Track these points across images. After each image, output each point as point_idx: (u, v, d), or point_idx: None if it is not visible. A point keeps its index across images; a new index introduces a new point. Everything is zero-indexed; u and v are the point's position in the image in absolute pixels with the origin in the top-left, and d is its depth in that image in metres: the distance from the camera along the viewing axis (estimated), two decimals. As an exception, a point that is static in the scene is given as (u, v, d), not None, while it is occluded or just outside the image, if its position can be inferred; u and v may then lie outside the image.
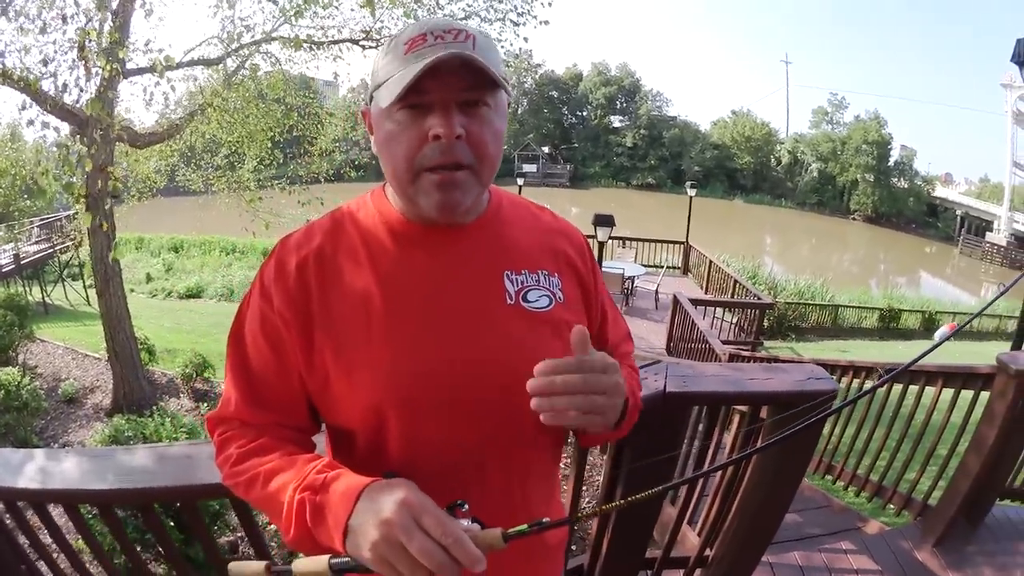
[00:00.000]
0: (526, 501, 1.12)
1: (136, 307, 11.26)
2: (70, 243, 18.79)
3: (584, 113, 63.71)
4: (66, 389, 10.10)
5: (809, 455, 2.18)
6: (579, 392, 0.90)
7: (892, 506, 4.03)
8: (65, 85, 7.33)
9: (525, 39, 11.01)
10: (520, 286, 1.09)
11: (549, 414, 0.90)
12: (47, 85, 7.44)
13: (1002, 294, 1.84)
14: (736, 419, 2.59)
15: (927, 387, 3.94)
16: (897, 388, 4.29)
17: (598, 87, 61.44)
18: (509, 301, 1.07)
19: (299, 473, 0.95)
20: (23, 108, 7.19)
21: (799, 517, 3.96)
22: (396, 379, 1.01)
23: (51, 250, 20.39)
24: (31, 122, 7.15)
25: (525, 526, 0.83)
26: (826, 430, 4.80)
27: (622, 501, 0.85)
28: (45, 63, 7.27)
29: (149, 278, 23.84)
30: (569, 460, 2.61)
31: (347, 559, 0.85)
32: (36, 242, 20.80)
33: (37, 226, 21.25)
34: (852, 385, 4.89)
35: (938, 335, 16.25)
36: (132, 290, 20.43)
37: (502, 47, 11.02)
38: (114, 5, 7.72)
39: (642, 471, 1.85)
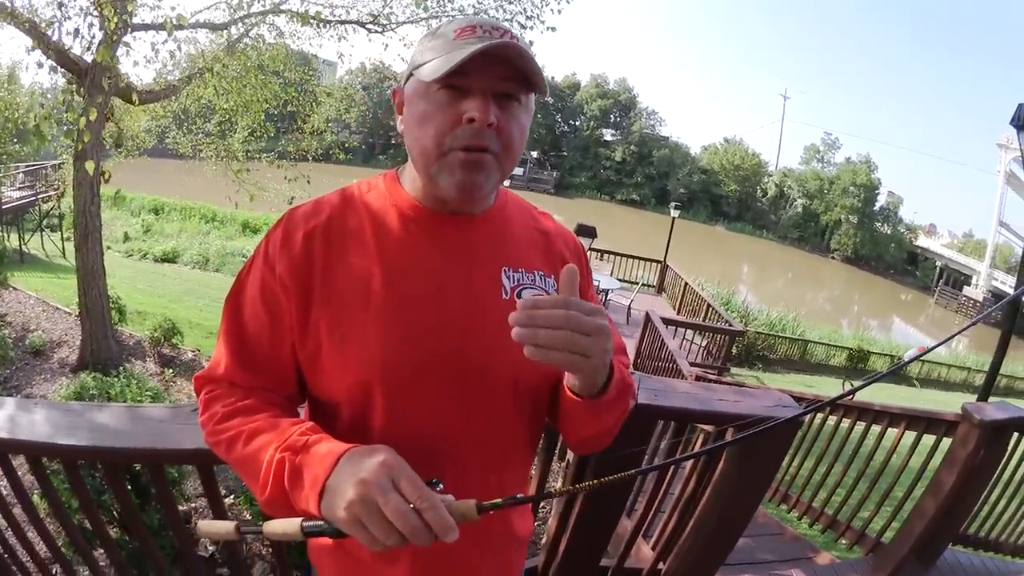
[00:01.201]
0: (501, 487, 1.15)
1: (111, 265, 11.11)
2: (53, 192, 18.48)
3: (577, 123, 63.80)
4: (33, 341, 9.93)
5: (768, 480, 2.22)
6: (561, 327, 0.87)
7: (844, 540, 4.08)
8: (77, 30, 7.22)
9: (530, 42, 11.01)
10: (516, 283, 1.13)
11: (532, 348, 0.88)
12: (52, 30, 7.33)
13: (969, 326, 1.90)
14: (700, 438, 2.63)
15: (890, 428, 4.01)
16: (860, 426, 4.34)
17: (594, 99, 61.57)
18: (504, 296, 1.11)
19: (282, 434, 0.97)
20: (32, 50, 7.06)
21: (752, 542, 3.99)
22: (386, 358, 1.03)
23: (33, 198, 20.03)
24: (40, 64, 7.10)
25: (499, 500, 0.84)
26: (785, 461, 4.80)
27: (595, 481, 0.88)
28: (60, 5, 7.16)
29: (127, 237, 23.57)
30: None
31: (320, 523, 0.86)
32: (19, 188, 20.48)
33: (22, 172, 20.94)
34: (816, 419, 4.93)
35: (907, 355, 16.46)
36: (109, 247, 20.15)
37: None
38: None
39: (607, 469, 1.88)
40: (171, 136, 12.84)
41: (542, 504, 4.48)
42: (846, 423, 4.49)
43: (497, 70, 0.99)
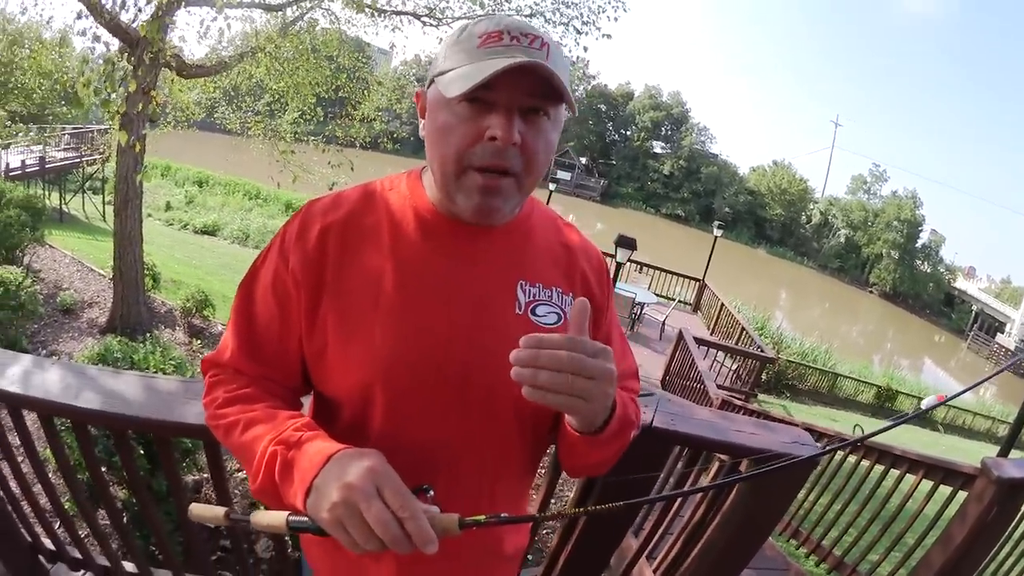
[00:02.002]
0: (493, 502, 1.13)
1: (150, 233, 11.27)
2: (98, 156, 18.88)
3: (628, 132, 63.44)
4: (64, 299, 10.09)
5: (778, 516, 2.16)
6: (563, 370, 0.84)
7: (849, 584, 4.00)
8: (124, 1, 7.34)
9: (585, 48, 11.01)
10: (532, 298, 1.09)
11: (531, 389, 0.85)
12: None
13: (988, 378, 1.83)
14: (716, 466, 2.58)
15: (908, 474, 3.95)
16: (879, 468, 4.28)
17: (647, 109, 61.25)
18: (518, 311, 1.08)
19: (277, 427, 0.97)
20: (78, 17, 7.17)
21: (756, 575, 3.93)
22: (390, 361, 1.02)
23: (77, 160, 20.54)
24: (83, 32, 7.18)
25: (482, 517, 0.83)
26: (800, 494, 4.75)
27: (578, 509, 0.85)
28: None
29: (169, 206, 23.98)
30: (544, 469, 2.60)
31: (305, 519, 0.87)
32: (64, 149, 20.95)
33: (68, 133, 21.41)
34: (835, 458, 4.86)
35: (925, 403, 16.13)
36: (149, 215, 20.56)
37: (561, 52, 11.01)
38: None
39: (613, 494, 1.85)
40: (220, 111, 13.00)
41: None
42: (865, 463, 4.43)
43: (524, 83, 0.94)
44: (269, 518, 0.91)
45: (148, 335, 8.51)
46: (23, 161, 18.08)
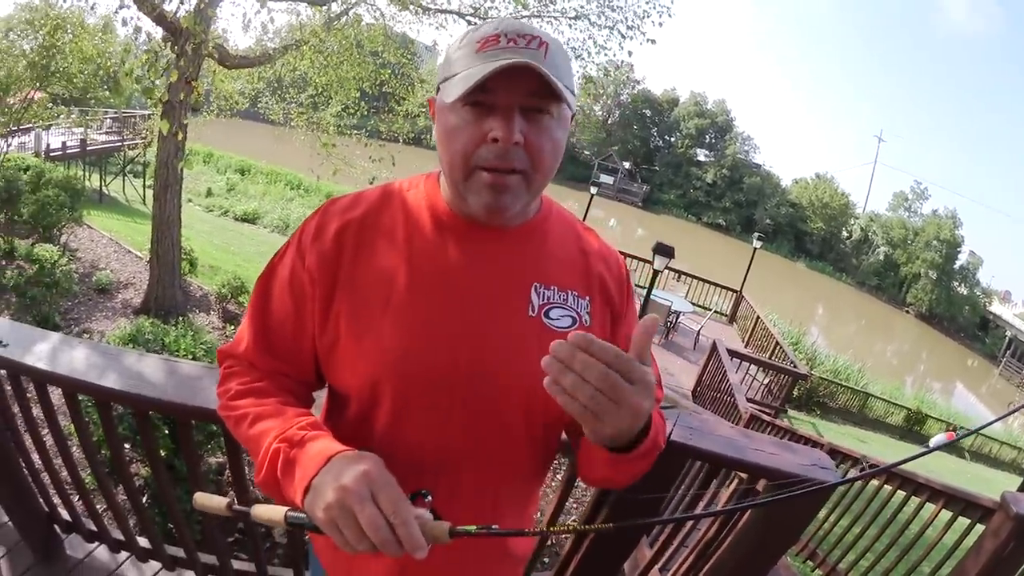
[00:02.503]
0: (497, 506, 1.13)
1: (190, 218, 11.42)
2: (140, 141, 19.24)
3: (672, 139, 62.92)
4: (100, 278, 10.28)
5: (791, 539, 2.12)
6: (591, 382, 0.80)
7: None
8: None
9: (629, 52, 11.00)
10: (545, 301, 1.08)
11: (551, 384, 0.82)
12: None
13: (1007, 415, 1.78)
14: (734, 484, 2.54)
15: (928, 503, 3.92)
16: (901, 493, 4.24)
17: (691, 116, 60.71)
18: (531, 313, 1.07)
19: (283, 424, 0.99)
20: (120, 7, 7.31)
21: None
22: (398, 359, 1.02)
23: (119, 143, 21.02)
24: (125, 22, 7.30)
25: (473, 527, 0.84)
26: (821, 514, 4.72)
27: (569, 526, 0.84)
28: None
29: (210, 193, 24.34)
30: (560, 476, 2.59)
31: (303, 516, 0.89)
32: (106, 132, 21.41)
33: (111, 117, 21.85)
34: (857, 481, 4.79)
35: (934, 441, 15.74)
36: (190, 200, 20.90)
37: (605, 55, 11.00)
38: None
39: (625, 508, 1.84)
40: (264, 101, 13.16)
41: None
42: (888, 488, 4.39)
43: (523, 84, 0.94)
44: (269, 512, 0.93)
45: (182, 318, 8.67)
46: (64, 143, 18.56)
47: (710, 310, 16.19)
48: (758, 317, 15.05)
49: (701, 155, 61.89)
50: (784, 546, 2.10)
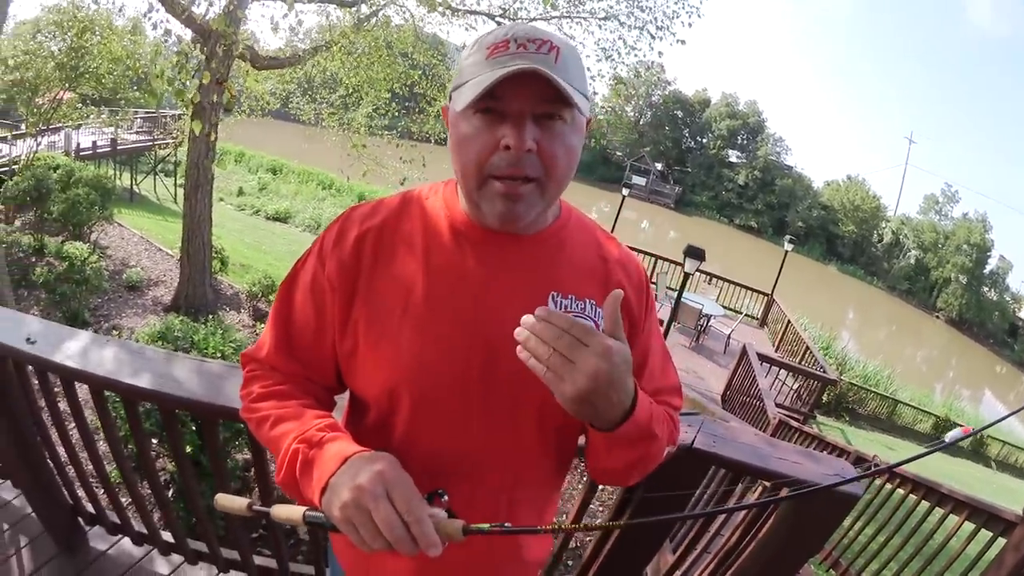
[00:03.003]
0: (514, 509, 1.13)
1: (221, 217, 11.53)
2: (171, 140, 19.49)
3: (704, 140, 62.11)
4: (130, 276, 10.46)
5: (814, 547, 2.08)
6: (547, 342, 0.87)
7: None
8: None
9: (660, 53, 10.96)
10: (563, 310, 1.07)
11: (520, 351, 0.89)
12: None
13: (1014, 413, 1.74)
14: (758, 492, 2.52)
15: (952, 514, 3.91)
16: (925, 504, 4.23)
17: (723, 117, 60.01)
18: None
19: (303, 426, 1.01)
20: (149, 10, 7.43)
21: None
22: (414, 368, 1.03)
23: (150, 143, 21.33)
24: (155, 26, 7.44)
25: (486, 525, 0.86)
26: (846, 522, 4.70)
27: (578, 525, 0.86)
28: None
29: (241, 192, 24.56)
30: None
31: (321, 515, 0.91)
32: (137, 132, 21.73)
33: (141, 117, 22.17)
34: (883, 488, 4.76)
35: (950, 436, 15.39)
36: (221, 199, 21.11)
37: (636, 55, 10.97)
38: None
39: (647, 509, 1.83)
40: (295, 101, 13.28)
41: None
42: (913, 497, 4.36)
43: (534, 90, 0.93)
44: (288, 512, 0.96)
45: (212, 316, 8.76)
46: (94, 142, 18.87)
47: (741, 313, 15.98)
48: (788, 321, 14.88)
49: (733, 156, 61.12)
50: (806, 554, 2.08)
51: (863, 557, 4.42)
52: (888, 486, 4.73)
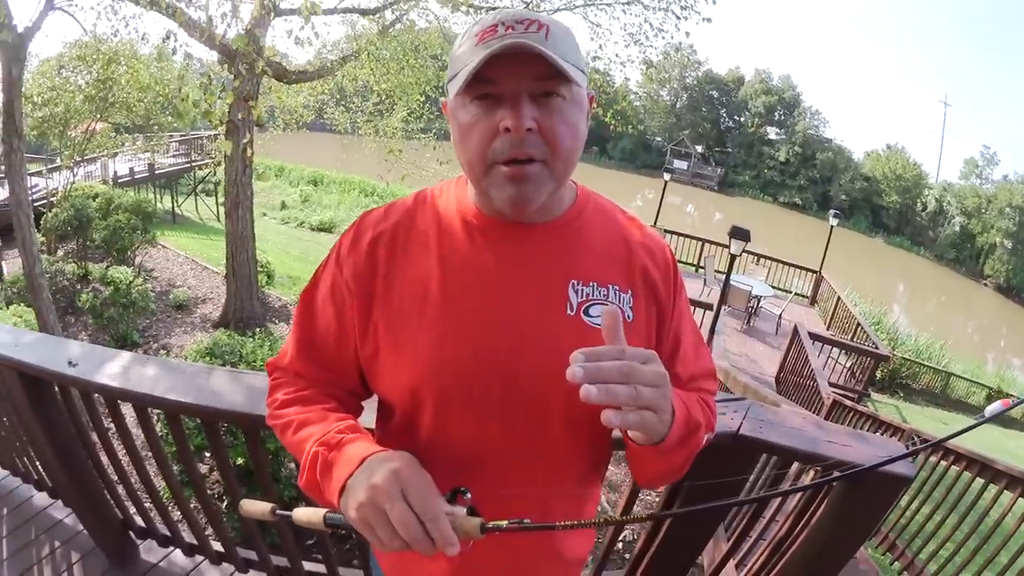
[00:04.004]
0: (547, 508, 1.10)
1: (266, 231, 11.70)
2: (209, 161, 19.86)
3: (741, 119, 60.88)
4: (177, 295, 10.71)
5: (867, 531, 2.03)
6: (627, 381, 0.81)
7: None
8: (213, 18, 7.73)
9: (687, 33, 10.82)
10: (584, 298, 1.05)
11: (610, 410, 0.81)
12: (198, 15, 7.87)
13: None
14: (810, 476, 2.46)
15: (1007, 491, 3.87)
16: (979, 481, 4.16)
17: (758, 95, 58.88)
18: (569, 312, 1.04)
19: (324, 429, 1.01)
20: (166, 38, 7.59)
21: None
22: (435, 367, 1.02)
23: (188, 165, 21.81)
24: (174, 51, 7.60)
25: (504, 522, 0.84)
26: (904, 502, 4.63)
27: (608, 518, 0.83)
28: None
29: (284, 206, 24.96)
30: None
31: (341, 516, 0.91)
32: (174, 155, 22.20)
33: (176, 141, 22.64)
34: (938, 466, 4.65)
35: (989, 411, 14.84)
36: (264, 214, 21.45)
37: (663, 38, 10.87)
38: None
39: (697, 499, 1.80)
40: (329, 112, 13.41)
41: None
42: (967, 475, 4.28)
43: (527, 69, 0.91)
44: (309, 514, 0.96)
45: (261, 329, 8.91)
46: (131, 169, 19.38)
47: (791, 293, 15.74)
48: (838, 298, 14.61)
49: (772, 133, 59.84)
50: (860, 538, 2.02)
51: (920, 538, 4.34)
52: (943, 463, 4.63)
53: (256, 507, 1.05)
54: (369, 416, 1.21)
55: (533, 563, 1.17)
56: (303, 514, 0.97)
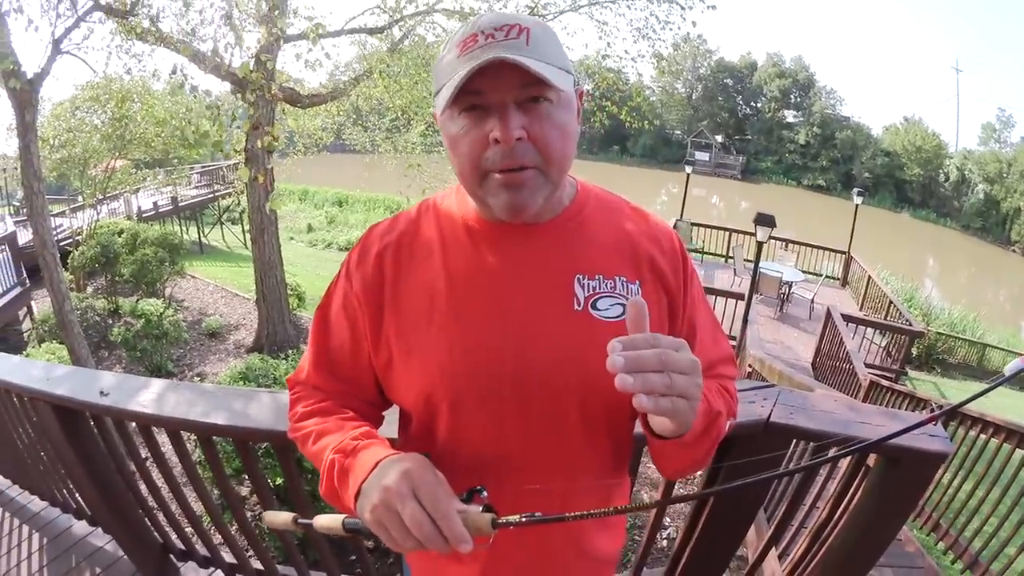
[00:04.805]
0: (569, 506, 1.05)
1: (294, 255, 11.79)
2: (231, 190, 20.10)
3: (758, 105, 60.12)
4: (209, 324, 10.87)
5: (907, 511, 2.00)
6: (663, 369, 0.79)
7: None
8: (218, 49, 7.91)
9: (693, 23, 10.76)
10: (591, 292, 1.06)
11: (647, 398, 0.78)
12: (205, 47, 8.08)
13: None
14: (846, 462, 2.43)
15: None
16: (1020, 452, 4.09)
17: (772, 79, 58.17)
18: (577, 307, 1.04)
19: (340, 437, 1.04)
20: (173, 73, 7.74)
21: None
22: (446, 369, 1.03)
23: (211, 195, 22.10)
24: (182, 85, 7.73)
25: (515, 516, 0.85)
26: (946, 479, 4.56)
27: (612, 509, 0.83)
28: (193, 32, 7.89)
29: (310, 228, 25.21)
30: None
31: (359, 521, 0.92)
32: (196, 187, 22.53)
33: (198, 172, 22.99)
34: (978, 441, 4.56)
35: (1009, 369, 14.43)
36: (292, 238, 21.64)
37: (670, 30, 10.83)
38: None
39: (732, 494, 1.84)
40: (347, 132, 13.51)
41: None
42: (1007, 447, 4.21)
43: (511, 77, 0.91)
44: (328, 521, 0.98)
45: (294, 351, 8.99)
46: (155, 203, 19.65)
47: (821, 276, 15.49)
48: (869, 277, 14.37)
49: (790, 116, 59.03)
50: (901, 518, 1.98)
51: (963, 515, 4.28)
52: (983, 437, 4.53)
53: (279, 517, 1.07)
54: (393, 427, 1.22)
55: (560, 562, 1.16)
56: (324, 521, 0.99)
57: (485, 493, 0.90)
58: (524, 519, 0.84)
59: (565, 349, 1.02)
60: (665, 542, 4.52)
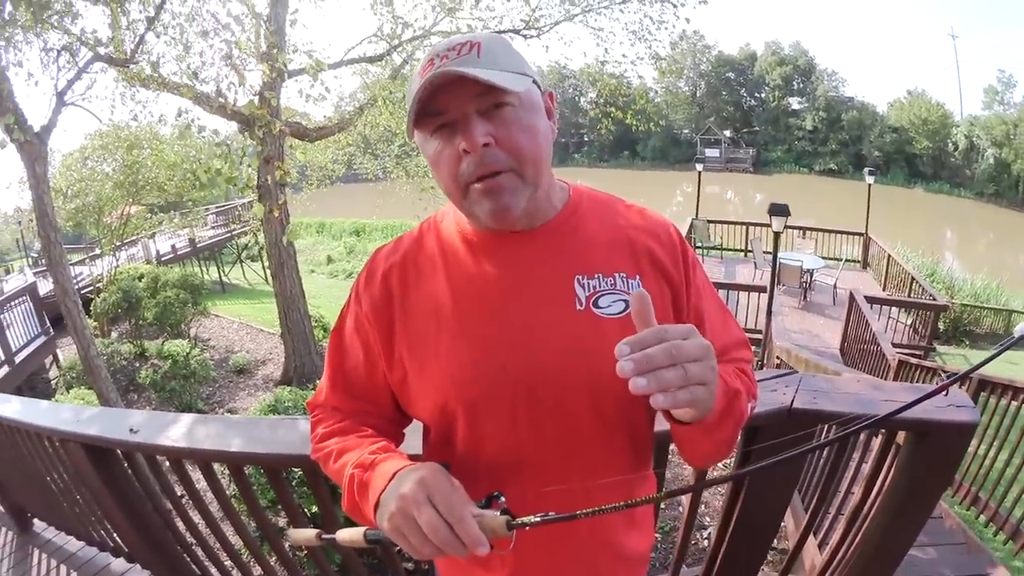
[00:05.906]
0: (589, 502, 1.08)
1: (316, 287, 11.83)
2: (247, 228, 20.26)
3: (762, 95, 59.25)
4: (237, 361, 10.97)
5: (942, 485, 1.95)
6: (675, 363, 0.79)
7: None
8: (220, 90, 8.03)
9: (687, 20, 10.78)
10: (592, 291, 1.07)
11: (663, 396, 0.79)
12: (208, 89, 8.18)
13: None
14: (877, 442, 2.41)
15: None
16: None
17: (773, 67, 57.38)
18: (579, 307, 1.06)
19: (359, 453, 1.06)
20: (179, 115, 7.96)
21: (935, 553, 3.64)
22: (457, 380, 1.06)
23: (228, 234, 22.30)
24: (189, 126, 7.92)
25: (530, 517, 0.86)
26: (981, 451, 4.51)
27: (628, 502, 0.85)
28: (195, 75, 7.98)
29: (330, 260, 25.35)
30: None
31: (379, 532, 0.95)
32: (212, 227, 22.77)
33: (213, 212, 23.25)
34: (1010, 409, 4.49)
35: (1019, 329, 14.12)
36: (312, 271, 21.76)
37: (666, 29, 10.84)
38: (265, 15, 8.35)
39: (761, 485, 1.85)
40: (358, 162, 13.61)
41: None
42: None
43: (465, 90, 0.96)
44: (351, 534, 1.02)
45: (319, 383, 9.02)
46: (173, 245, 20.00)
47: (842, 260, 15.41)
48: (889, 256, 14.28)
49: (794, 103, 58.39)
50: (936, 493, 1.94)
51: (1002, 485, 4.22)
52: (1014, 404, 4.45)
53: (303, 534, 1.11)
54: (416, 441, 1.25)
55: (589, 562, 1.16)
56: (346, 534, 1.03)
57: (503, 498, 0.92)
58: (539, 519, 0.85)
59: (571, 350, 1.04)
60: (706, 542, 4.48)
